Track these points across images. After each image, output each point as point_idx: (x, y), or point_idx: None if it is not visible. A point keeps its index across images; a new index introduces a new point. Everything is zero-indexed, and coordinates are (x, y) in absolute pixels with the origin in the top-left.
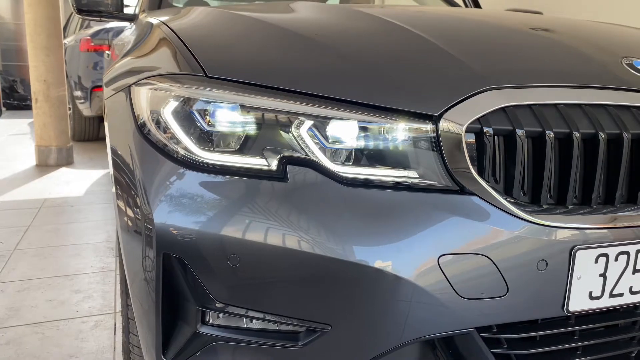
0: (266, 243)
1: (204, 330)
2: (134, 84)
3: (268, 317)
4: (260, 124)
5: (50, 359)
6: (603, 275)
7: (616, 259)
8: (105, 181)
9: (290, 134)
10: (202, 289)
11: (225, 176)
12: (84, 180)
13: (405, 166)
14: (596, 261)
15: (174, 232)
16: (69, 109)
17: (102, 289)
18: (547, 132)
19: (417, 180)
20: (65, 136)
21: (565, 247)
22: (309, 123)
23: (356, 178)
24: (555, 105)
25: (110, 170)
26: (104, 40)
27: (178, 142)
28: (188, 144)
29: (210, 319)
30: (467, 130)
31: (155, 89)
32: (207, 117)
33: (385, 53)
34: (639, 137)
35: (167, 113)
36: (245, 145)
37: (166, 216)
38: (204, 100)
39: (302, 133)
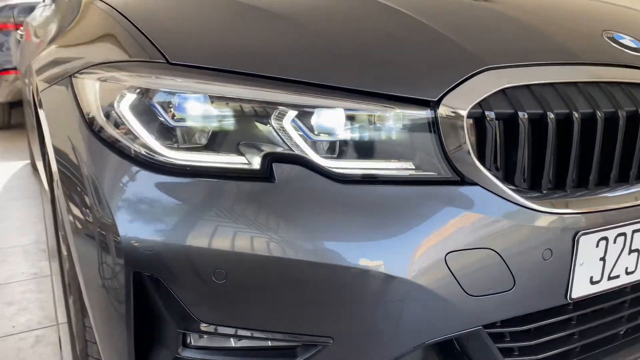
0: (255, 253)
1: (186, 354)
2: (76, 73)
3: (263, 334)
4: (237, 116)
5: None
6: (603, 258)
7: (615, 241)
8: (26, 174)
9: (272, 127)
10: (183, 309)
11: (199, 178)
12: (1, 174)
13: (402, 158)
14: (597, 245)
15: (145, 247)
16: None
17: (38, 299)
18: (548, 113)
19: (415, 172)
20: None
21: (569, 233)
22: (293, 114)
23: (351, 174)
24: (552, 84)
25: (55, 173)
26: (8, 18)
27: (139, 140)
28: (152, 143)
29: (192, 340)
30: (468, 116)
31: (105, 80)
32: (172, 110)
33: (370, 32)
34: (632, 114)
35: (124, 108)
36: (220, 142)
37: (134, 229)
38: (166, 92)
39: (286, 126)
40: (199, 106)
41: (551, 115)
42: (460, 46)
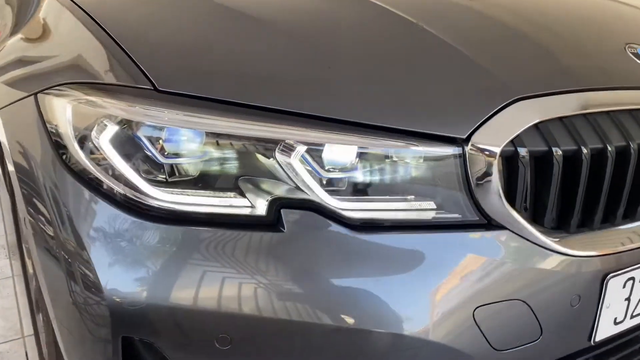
0: (263, 316)
1: None
2: (44, 90)
3: None
4: (237, 155)
5: None
6: (628, 299)
7: None
8: None
9: (280, 168)
10: None
11: (196, 227)
12: None
13: (424, 199)
14: (624, 286)
15: (135, 309)
16: None
17: (0, 306)
18: (582, 148)
19: (438, 215)
20: None
21: (598, 276)
22: (303, 151)
23: (369, 219)
24: (584, 115)
25: (21, 206)
26: None
27: (123, 178)
28: (138, 183)
29: None
30: (500, 154)
31: (80, 102)
32: (161, 144)
33: (387, 54)
34: None
35: (104, 140)
36: (220, 182)
37: (123, 287)
38: (152, 126)
39: (296, 166)
40: (193, 141)
41: (585, 151)
42: (488, 72)
